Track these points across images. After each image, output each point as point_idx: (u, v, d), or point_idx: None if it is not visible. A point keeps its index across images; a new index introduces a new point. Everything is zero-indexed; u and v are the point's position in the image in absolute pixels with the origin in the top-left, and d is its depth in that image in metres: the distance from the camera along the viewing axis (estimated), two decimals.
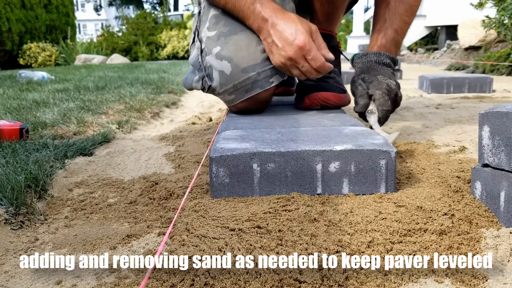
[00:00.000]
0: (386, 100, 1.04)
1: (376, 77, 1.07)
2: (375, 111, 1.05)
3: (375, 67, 1.10)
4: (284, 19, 0.99)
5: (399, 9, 1.13)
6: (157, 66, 5.46)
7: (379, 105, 1.04)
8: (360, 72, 1.12)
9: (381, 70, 1.10)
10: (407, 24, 1.15)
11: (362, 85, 1.08)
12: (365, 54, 1.13)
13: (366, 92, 1.06)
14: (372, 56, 1.12)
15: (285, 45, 0.98)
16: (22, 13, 7.98)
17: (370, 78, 1.08)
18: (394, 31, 1.13)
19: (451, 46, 5.58)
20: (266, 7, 1.01)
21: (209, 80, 1.12)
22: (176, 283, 0.50)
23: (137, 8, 26.82)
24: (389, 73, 1.11)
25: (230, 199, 0.74)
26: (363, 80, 1.09)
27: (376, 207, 0.67)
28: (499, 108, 0.64)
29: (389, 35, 1.13)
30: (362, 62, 1.14)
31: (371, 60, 1.12)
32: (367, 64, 1.12)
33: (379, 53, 1.12)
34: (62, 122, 1.49)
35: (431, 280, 0.50)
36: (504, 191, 0.62)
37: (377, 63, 1.12)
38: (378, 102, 1.04)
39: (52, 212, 0.77)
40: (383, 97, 1.04)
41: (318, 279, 0.49)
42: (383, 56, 1.12)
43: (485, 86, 2.34)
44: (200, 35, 1.13)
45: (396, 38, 1.14)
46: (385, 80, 1.06)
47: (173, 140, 1.31)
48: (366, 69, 1.11)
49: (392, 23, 1.13)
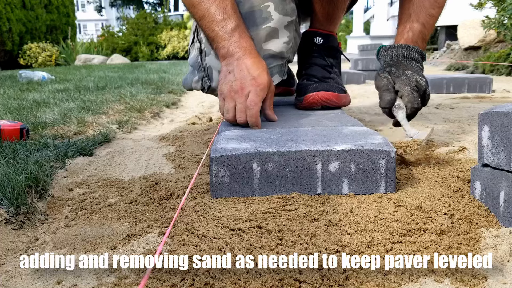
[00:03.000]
0: (415, 97, 0.99)
1: (404, 72, 1.01)
2: (403, 106, 0.99)
3: (403, 61, 1.05)
4: (254, 59, 0.96)
5: (424, 2, 1.09)
6: (157, 66, 5.46)
7: (408, 102, 0.99)
8: (387, 65, 1.05)
9: (409, 64, 1.04)
10: (433, 17, 1.11)
11: (388, 78, 1.02)
12: (392, 47, 1.08)
13: (393, 86, 1.01)
14: (400, 49, 1.06)
15: (242, 77, 0.95)
16: (22, 13, 7.98)
17: (397, 72, 1.02)
18: (421, 24, 1.09)
19: (451, 46, 5.58)
20: (244, 40, 0.98)
21: (208, 81, 1.12)
22: (176, 283, 0.50)
23: (138, 9, 26.84)
24: (417, 68, 1.05)
25: (230, 199, 0.74)
26: (389, 73, 1.03)
27: (376, 207, 0.67)
28: (499, 108, 0.64)
29: (415, 28, 1.09)
30: (389, 55, 1.07)
31: (399, 54, 1.06)
32: (394, 58, 1.06)
33: (407, 46, 1.06)
34: (63, 122, 1.49)
35: (431, 280, 0.50)
36: (503, 191, 0.62)
37: (405, 57, 1.06)
38: (407, 99, 0.99)
39: (52, 212, 0.77)
40: (412, 93, 0.98)
41: (318, 279, 0.49)
42: (412, 50, 1.06)
43: (485, 86, 2.34)
44: (199, 35, 1.13)
45: (423, 31, 1.09)
46: (414, 76, 1.01)
47: (173, 140, 1.31)
48: (393, 62, 1.05)
49: (418, 16, 1.09)
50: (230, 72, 0.97)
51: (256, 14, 1.04)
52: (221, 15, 0.97)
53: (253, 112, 0.94)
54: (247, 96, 0.95)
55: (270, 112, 1.03)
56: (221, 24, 0.97)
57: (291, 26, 1.08)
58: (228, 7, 0.97)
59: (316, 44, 1.29)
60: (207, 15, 0.98)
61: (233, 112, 0.97)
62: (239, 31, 0.97)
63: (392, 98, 1.00)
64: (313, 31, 1.31)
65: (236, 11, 0.99)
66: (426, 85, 1.03)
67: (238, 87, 0.95)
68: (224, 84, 0.98)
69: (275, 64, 1.08)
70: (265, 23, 1.04)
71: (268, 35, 1.05)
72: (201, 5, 0.98)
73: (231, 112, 0.97)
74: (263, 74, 0.95)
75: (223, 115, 1.00)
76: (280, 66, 1.09)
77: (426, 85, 1.02)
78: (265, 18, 1.04)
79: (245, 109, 0.95)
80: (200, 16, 0.99)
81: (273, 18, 1.05)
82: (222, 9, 0.97)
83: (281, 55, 1.08)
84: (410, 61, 1.05)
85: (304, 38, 1.29)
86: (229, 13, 0.97)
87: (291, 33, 1.08)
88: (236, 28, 0.97)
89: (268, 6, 1.04)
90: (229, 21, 0.97)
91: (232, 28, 0.97)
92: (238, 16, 0.99)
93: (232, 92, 0.96)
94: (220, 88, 0.99)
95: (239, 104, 0.95)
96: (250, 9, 1.04)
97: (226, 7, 0.97)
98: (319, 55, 1.29)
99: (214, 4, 0.97)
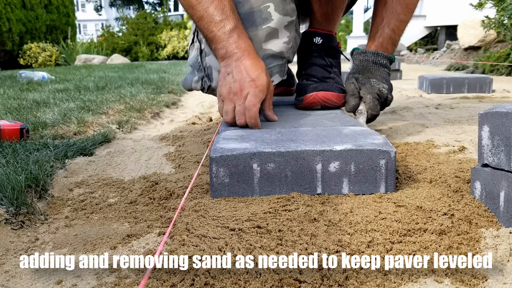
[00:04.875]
0: (376, 105, 1.11)
1: (370, 80, 1.12)
2: (365, 112, 1.12)
3: (371, 68, 1.14)
4: (253, 60, 0.96)
5: (396, 8, 1.15)
6: (157, 66, 5.46)
7: (369, 109, 1.12)
8: (356, 70, 1.16)
9: (377, 71, 1.14)
10: (404, 23, 1.18)
11: (355, 84, 1.13)
12: (364, 52, 1.16)
13: (358, 92, 1.12)
14: (370, 55, 1.15)
15: (241, 79, 0.94)
16: (22, 13, 7.98)
17: (363, 80, 1.13)
18: (391, 30, 1.17)
19: (451, 46, 5.58)
20: (243, 40, 0.97)
21: (208, 81, 1.12)
22: (176, 283, 0.50)
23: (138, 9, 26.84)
24: (384, 74, 1.15)
25: (230, 199, 0.74)
26: (356, 79, 1.14)
27: (376, 207, 0.67)
28: (499, 108, 0.64)
29: (386, 33, 1.16)
30: (360, 60, 1.17)
31: (368, 60, 1.16)
32: (364, 63, 1.16)
33: (377, 53, 1.15)
34: (63, 122, 1.49)
35: (431, 280, 0.50)
36: (503, 191, 0.62)
37: (374, 63, 1.15)
38: (368, 106, 1.12)
39: (52, 212, 0.77)
40: (373, 102, 1.11)
41: (318, 279, 0.49)
42: (381, 56, 1.15)
43: (485, 86, 2.34)
44: (199, 35, 1.13)
45: (393, 36, 1.17)
46: (377, 84, 1.12)
47: (173, 140, 1.31)
48: (362, 69, 1.15)
49: (389, 22, 1.16)
50: (229, 73, 0.96)
51: (256, 15, 1.04)
52: (219, 16, 0.97)
53: (252, 113, 0.94)
54: (246, 98, 0.95)
55: (269, 112, 1.03)
56: (220, 25, 0.97)
57: (291, 26, 1.08)
58: (226, 8, 0.97)
59: (315, 44, 1.29)
60: (206, 15, 0.97)
61: (232, 114, 0.97)
62: (238, 31, 0.97)
63: (356, 104, 1.13)
64: (312, 31, 1.31)
65: (235, 11, 0.99)
66: (388, 91, 1.15)
67: (237, 89, 0.95)
68: (223, 85, 0.97)
69: (275, 64, 1.08)
70: (265, 24, 1.04)
71: (268, 35, 1.05)
72: (200, 6, 0.98)
73: (230, 114, 0.97)
74: (262, 76, 0.95)
75: (222, 117, 1.01)
76: (280, 66, 1.09)
77: (388, 92, 1.15)
78: (265, 18, 1.04)
79: (244, 111, 0.95)
80: (199, 17, 0.99)
81: (273, 19, 1.05)
82: (220, 10, 0.97)
83: (281, 55, 1.08)
84: (379, 67, 1.16)
85: (303, 38, 1.29)
86: (228, 14, 0.97)
87: (291, 33, 1.08)
88: (235, 29, 0.97)
89: (268, 6, 1.04)
90: (228, 22, 0.97)
91: (230, 29, 0.97)
92: (237, 16, 0.99)
93: (231, 94, 0.96)
94: (219, 89, 0.99)
95: (238, 106, 0.96)
96: (249, 10, 1.04)
97: (225, 7, 0.97)
98: (319, 55, 1.29)
99: (212, 5, 0.97)
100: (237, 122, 0.97)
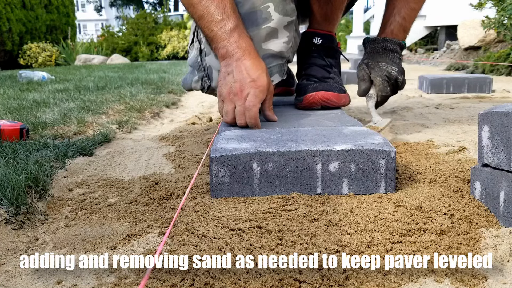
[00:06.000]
0: (385, 86, 1.14)
1: (378, 63, 1.15)
2: (374, 96, 1.16)
3: (380, 53, 1.17)
4: (253, 60, 0.95)
5: None
6: (157, 66, 5.46)
7: (378, 91, 1.14)
8: (366, 57, 1.19)
9: (386, 56, 1.17)
10: (415, 11, 1.20)
11: (365, 69, 1.16)
12: (373, 40, 1.20)
13: (368, 76, 1.15)
14: (379, 42, 1.19)
15: (241, 79, 0.94)
16: (22, 13, 7.97)
17: (373, 64, 1.16)
18: (402, 18, 1.19)
19: (451, 46, 5.58)
20: (243, 40, 0.97)
21: (208, 80, 1.12)
22: (176, 283, 0.50)
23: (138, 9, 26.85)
24: (394, 58, 1.17)
25: (230, 199, 0.74)
26: (366, 65, 1.17)
27: (376, 207, 0.67)
28: (499, 108, 0.64)
29: (397, 21, 1.19)
30: (370, 47, 1.20)
31: (378, 46, 1.18)
32: (374, 49, 1.19)
33: (386, 39, 1.18)
34: (63, 122, 1.49)
35: (431, 280, 0.50)
36: (503, 191, 0.62)
37: (383, 49, 1.18)
38: (377, 88, 1.14)
39: (52, 212, 0.77)
40: (382, 83, 1.13)
41: (318, 279, 0.49)
42: (390, 42, 1.18)
43: (485, 86, 2.34)
44: (199, 35, 1.13)
45: (404, 24, 1.20)
46: (386, 67, 1.14)
47: (173, 140, 1.31)
48: (371, 55, 1.18)
49: (400, 10, 1.19)
50: (229, 73, 0.96)
51: (256, 15, 1.04)
52: (220, 15, 0.96)
53: (252, 113, 0.94)
54: (246, 98, 0.95)
55: (270, 112, 1.04)
56: (220, 24, 0.97)
57: (291, 26, 1.08)
58: (227, 7, 0.97)
59: (315, 44, 1.29)
60: (206, 14, 0.97)
61: (232, 114, 0.97)
62: (238, 31, 0.97)
63: (366, 87, 1.17)
64: (311, 32, 1.31)
65: (235, 11, 0.99)
66: (398, 73, 1.16)
67: (238, 89, 0.95)
68: (223, 85, 0.97)
69: (275, 64, 1.08)
70: (265, 23, 1.04)
71: (268, 35, 1.05)
72: (200, 4, 0.97)
73: (230, 114, 0.97)
74: (262, 76, 0.95)
75: (222, 117, 1.01)
76: (279, 66, 1.09)
77: (398, 74, 1.16)
78: (265, 18, 1.04)
79: (244, 111, 0.95)
80: (199, 16, 0.99)
81: (273, 19, 1.05)
82: (221, 9, 0.97)
83: (281, 54, 1.08)
84: (388, 52, 1.18)
85: (303, 38, 1.29)
86: (228, 13, 0.97)
87: (291, 33, 1.08)
88: (235, 28, 0.97)
89: (268, 6, 1.04)
90: (228, 21, 0.97)
91: (231, 28, 0.96)
92: (237, 16, 0.99)
93: (232, 94, 0.96)
94: (219, 89, 0.99)
95: (238, 106, 0.96)
96: (250, 9, 1.04)
97: (225, 7, 0.97)
98: (318, 55, 1.29)
99: (213, 4, 0.97)
100: (237, 122, 0.97)
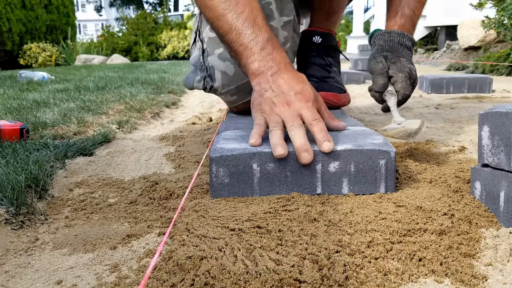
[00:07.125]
0: (408, 85, 1.00)
1: (400, 59, 1.02)
2: (395, 93, 1.00)
3: (398, 48, 1.05)
4: (291, 73, 0.84)
5: None
6: (157, 66, 5.46)
7: (401, 88, 0.99)
8: (382, 49, 1.05)
9: (403, 52, 1.05)
10: (422, 4, 1.12)
11: (384, 63, 1.01)
12: (389, 32, 1.07)
13: (387, 71, 1.01)
14: (396, 36, 1.06)
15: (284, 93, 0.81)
16: (22, 13, 7.98)
17: (393, 59, 1.02)
18: (411, 10, 1.09)
19: (451, 47, 5.58)
20: (277, 52, 0.86)
21: (211, 81, 1.12)
22: (176, 283, 0.50)
23: (137, 9, 26.85)
24: (409, 56, 1.06)
25: (230, 199, 0.74)
26: (385, 58, 1.02)
27: (376, 207, 0.67)
28: (499, 108, 0.64)
29: (407, 14, 1.09)
30: (385, 40, 1.07)
31: (394, 40, 1.06)
32: (390, 43, 1.06)
33: (402, 33, 1.06)
34: (63, 122, 1.49)
35: (431, 280, 0.50)
36: (503, 191, 0.62)
37: (399, 44, 1.06)
38: (400, 85, 0.99)
39: (52, 212, 0.77)
40: (405, 81, 0.99)
41: (318, 279, 0.49)
42: (406, 38, 1.07)
43: (485, 86, 2.34)
44: (201, 35, 1.13)
45: (413, 18, 1.10)
46: (408, 64, 1.02)
47: (173, 140, 1.31)
48: (389, 48, 1.05)
49: (408, 3, 1.09)
50: (267, 90, 0.83)
51: None
52: (250, 28, 0.85)
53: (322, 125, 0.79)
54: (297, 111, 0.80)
55: (335, 122, 0.90)
56: (251, 37, 0.85)
57: (288, 26, 1.08)
58: (258, 18, 0.86)
59: (314, 43, 1.29)
60: (234, 28, 0.86)
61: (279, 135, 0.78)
62: (272, 43, 0.86)
63: (385, 83, 1.00)
64: (311, 30, 1.31)
65: (266, 21, 0.88)
66: (416, 74, 1.04)
67: (283, 102, 0.81)
68: (262, 103, 0.83)
69: None
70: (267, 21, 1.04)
71: None
72: (227, 16, 0.86)
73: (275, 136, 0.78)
74: (306, 88, 0.83)
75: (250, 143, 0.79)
76: None
77: (416, 74, 1.04)
78: (267, 15, 1.04)
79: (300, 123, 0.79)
80: (226, 30, 0.87)
81: (275, 18, 1.04)
82: (251, 20, 0.85)
83: None
84: (404, 49, 1.06)
85: (302, 37, 1.29)
86: (260, 25, 0.86)
87: (288, 33, 1.08)
88: (269, 41, 0.85)
89: (270, 3, 1.04)
90: (261, 33, 0.85)
91: (264, 41, 0.85)
92: (269, 27, 0.88)
93: (276, 109, 0.81)
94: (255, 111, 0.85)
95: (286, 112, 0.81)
96: None
97: (256, 18, 0.86)
98: (318, 54, 1.29)
99: (241, 16, 0.85)
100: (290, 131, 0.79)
